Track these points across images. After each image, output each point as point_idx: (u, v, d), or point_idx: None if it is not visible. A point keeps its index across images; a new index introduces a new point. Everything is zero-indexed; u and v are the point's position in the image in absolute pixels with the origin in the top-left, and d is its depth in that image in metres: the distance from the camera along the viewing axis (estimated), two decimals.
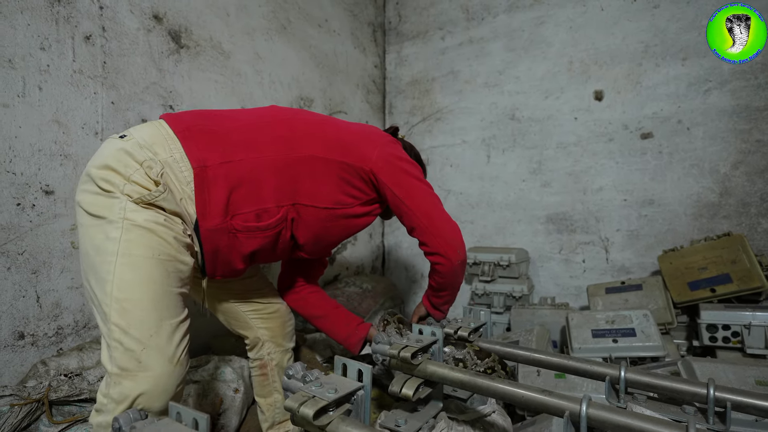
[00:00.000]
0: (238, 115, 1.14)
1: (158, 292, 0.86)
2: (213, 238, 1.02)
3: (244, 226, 1.03)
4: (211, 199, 0.99)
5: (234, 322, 1.30)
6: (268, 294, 1.32)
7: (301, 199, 1.11)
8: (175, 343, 0.86)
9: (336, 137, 1.18)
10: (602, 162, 2.27)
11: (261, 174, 1.05)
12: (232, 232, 1.03)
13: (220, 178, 0.99)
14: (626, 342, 1.56)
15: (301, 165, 1.10)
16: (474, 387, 0.98)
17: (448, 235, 1.21)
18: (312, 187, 1.12)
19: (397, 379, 1.09)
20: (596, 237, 2.30)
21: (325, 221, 1.17)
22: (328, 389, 0.79)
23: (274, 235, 1.09)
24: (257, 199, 1.04)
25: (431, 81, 2.83)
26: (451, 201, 2.74)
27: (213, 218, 1.00)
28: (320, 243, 1.23)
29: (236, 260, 1.09)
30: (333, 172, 1.14)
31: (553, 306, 2.09)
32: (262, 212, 1.04)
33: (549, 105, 2.42)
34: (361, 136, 1.24)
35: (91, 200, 0.90)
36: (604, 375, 1.03)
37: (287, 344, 1.34)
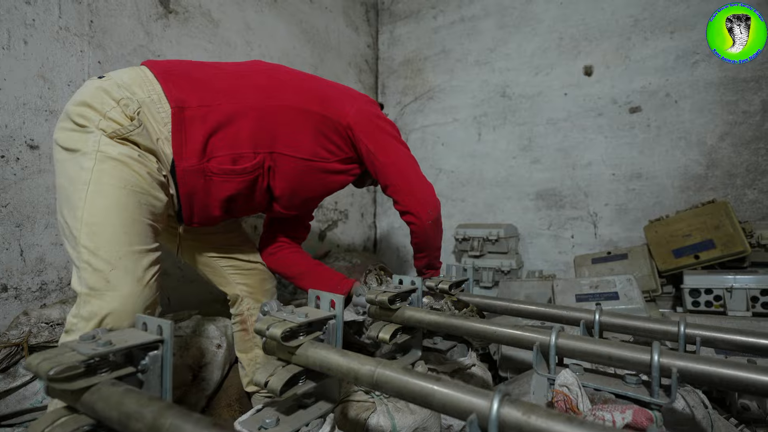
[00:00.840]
0: (221, 65, 1.15)
1: (128, 219, 0.87)
2: (189, 180, 1.03)
3: (219, 168, 1.04)
4: (188, 139, 1.00)
5: (213, 277, 1.31)
6: (247, 250, 1.33)
7: (279, 148, 1.11)
8: (144, 267, 0.87)
9: (316, 90, 1.19)
10: (591, 137, 2.28)
11: (239, 120, 1.05)
12: (208, 175, 1.04)
13: (198, 120, 1.00)
14: (609, 305, 1.57)
15: (279, 114, 1.10)
16: (449, 327, 0.99)
17: (420, 194, 1.23)
18: (290, 136, 1.12)
19: (375, 324, 1.10)
20: (585, 212, 2.31)
21: (302, 173, 1.18)
22: (299, 314, 0.79)
23: (249, 182, 1.09)
24: (234, 144, 1.05)
25: (423, 60, 2.83)
26: (442, 179, 2.74)
27: (189, 158, 1.00)
28: (297, 196, 1.23)
29: (213, 205, 1.09)
30: (311, 123, 1.14)
31: (541, 278, 2.10)
32: (238, 157, 1.05)
33: (539, 81, 2.42)
34: (341, 91, 1.25)
35: (67, 136, 0.92)
36: (579, 319, 1.04)
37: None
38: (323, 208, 2.56)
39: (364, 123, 1.20)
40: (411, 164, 1.25)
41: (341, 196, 2.70)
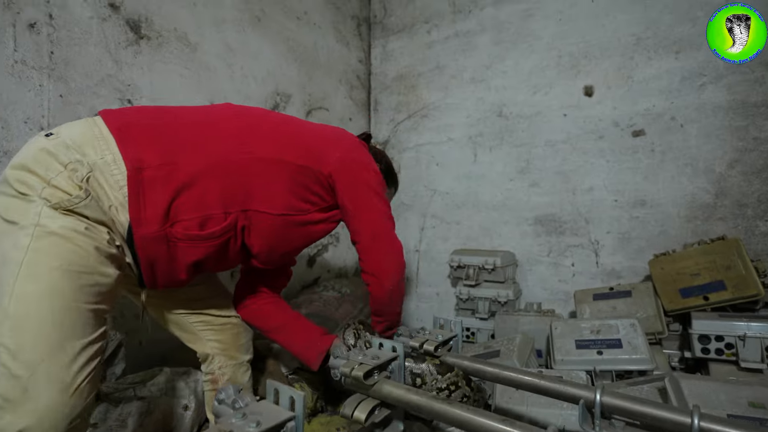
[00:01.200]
0: (187, 111, 1.04)
1: (63, 308, 0.76)
2: (149, 247, 0.92)
3: (185, 234, 0.93)
4: (148, 204, 0.89)
5: (182, 334, 1.20)
6: (219, 304, 1.22)
7: (253, 205, 1.02)
8: (76, 369, 0.76)
9: (295, 138, 1.09)
10: (592, 161, 2.17)
11: (206, 178, 0.95)
12: (172, 241, 0.93)
13: (160, 182, 0.90)
14: (612, 354, 1.46)
15: (253, 167, 1.01)
16: (430, 412, 0.88)
17: (386, 260, 1.16)
18: (265, 191, 1.02)
19: (351, 400, 0.99)
20: (586, 239, 2.19)
21: (280, 229, 1.08)
22: (251, 421, 0.69)
23: (220, 245, 1.00)
24: (201, 205, 0.95)
25: (417, 76, 2.72)
26: (436, 201, 2.63)
27: (149, 225, 0.90)
28: (276, 252, 1.13)
29: (178, 270, 0.99)
30: (288, 175, 1.05)
31: (539, 312, 1.99)
32: (206, 219, 0.95)
33: (537, 101, 2.31)
34: (324, 137, 1.15)
35: (6, 203, 0.81)
36: (578, 398, 0.93)
37: (241, 356, 1.24)
38: None
39: (345, 173, 1.11)
40: (385, 226, 1.16)
41: None
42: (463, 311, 2.31)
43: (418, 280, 2.71)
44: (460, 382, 1.08)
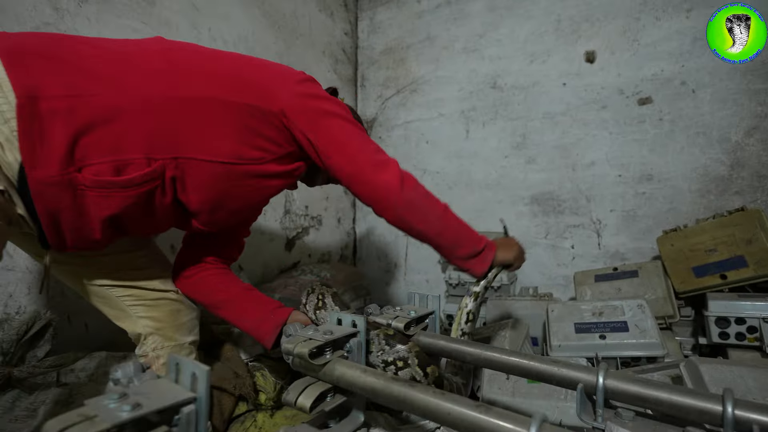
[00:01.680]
0: (105, 42, 0.86)
1: None
2: (49, 196, 0.74)
3: (95, 180, 0.75)
4: (45, 141, 0.71)
5: (108, 310, 1.02)
6: (153, 275, 1.04)
7: (187, 152, 0.83)
8: None
9: (235, 73, 0.91)
10: (594, 133, 1.98)
11: (125, 116, 0.77)
12: (79, 189, 0.75)
13: (61, 115, 0.72)
14: (616, 338, 1.27)
15: (186, 108, 0.83)
16: (388, 397, 0.69)
17: (381, 179, 0.95)
18: (202, 136, 0.85)
19: (296, 383, 0.81)
20: (587, 219, 2.01)
21: (225, 181, 0.90)
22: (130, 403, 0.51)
23: (141, 196, 0.81)
24: (117, 148, 0.77)
25: (406, 49, 2.54)
26: (426, 181, 2.42)
27: (46, 167, 0.72)
28: (222, 209, 0.95)
29: (90, 228, 0.81)
30: (234, 117, 0.87)
31: (534, 297, 1.80)
32: (123, 164, 0.77)
33: (534, 70, 2.12)
34: (269, 70, 0.96)
35: None
36: (575, 382, 0.74)
37: (182, 338, 1.05)
38: (291, 214, 2.27)
39: (300, 107, 0.92)
40: (362, 144, 0.97)
41: (314, 200, 2.41)
42: (453, 298, 2.12)
43: (407, 267, 2.53)
44: (411, 360, 0.89)
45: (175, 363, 0.59)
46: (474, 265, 1.11)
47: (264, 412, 1.34)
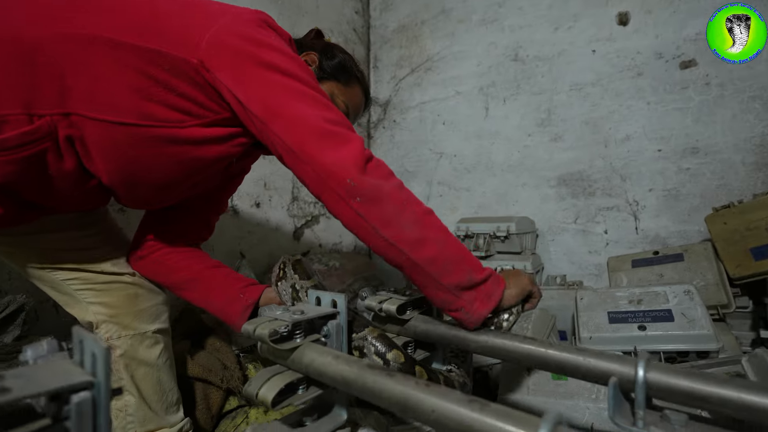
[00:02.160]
0: None
1: None
2: None
3: None
4: None
5: (56, 295, 0.90)
6: (102, 256, 0.91)
7: (77, 107, 0.67)
8: None
9: (145, 8, 0.71)
10: (629, 104, 1.77)
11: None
12: None
13: None
14: (659, 329, 1.08)
15: (69, 49, 0.65)
16: (362, 389, 0.55)
17: (328, 156, 0.68)
18: (92, 88, 0.67)
19: (262, 372, 0.67)
20: (622, 200, 1.79)
21: (130, 147, 0.72)
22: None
23: (27, 161, 0.65)
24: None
25: (420, 25, 2.38)
26: (443, 165, 2.28)
27: None
28: (141, 185, 0.79)
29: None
30: (129, 65, 0.67)
31: (562, 286, 1.61)
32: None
33: (560, 38, 1.93)
34: (198, 9, 0.74)
35: None
36: (607, 374, 0.58)
37: (142, 326, 0.92)
38: (299, 201, 2.15)
39: (226, 53, 0.70)
40: (310, 108, 0.70)
41: None
42: None
43: None
44: (367, 348, 0.71)
45: (79, 341, 0.47)
46: (470, 304, 0.70)
47: (257, 408, 1.22)
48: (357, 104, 0.98)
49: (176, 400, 0.98)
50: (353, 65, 0.96)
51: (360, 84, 0.97)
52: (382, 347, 0.72)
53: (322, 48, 0.94)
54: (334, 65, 0.92)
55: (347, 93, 0.94)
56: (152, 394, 0.92)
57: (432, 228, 0.71)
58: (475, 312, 0.70)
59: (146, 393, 0.91)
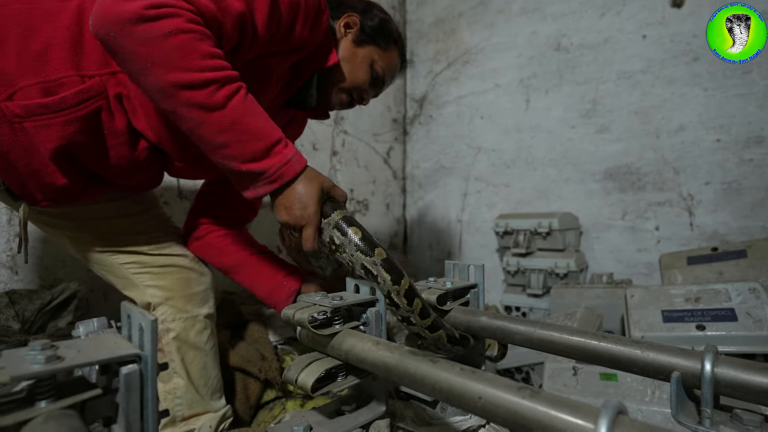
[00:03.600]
0: None
1: None
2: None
3: (25, 107, 0.66)
4: None
5: (114, 279, 0.95)
6: (158, 239, 0.95)
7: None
8: None
9: None
10: (683, 91, 1.66)
11: (43, 27, 0.67)
12: (15, 122, 0.67)
13: None
14: (720, 329, 1.00)
15: None
16: (404, 376, 0.53)
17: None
18: None
19: (301, 358, 0.67)
20: (675, 195, 1.68)
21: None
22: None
23: (84, 121, 0.69)
24: (39, 64, 0.66)
25: (458, 17, 2.34)
26: (481, 161, 2.23)
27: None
28: (181, 139, 0.78)
29: (48, 169, 0.72)
30: None
31: (610, 284, 1.53)
32: (53, 86, 0.67)
33: (607, 24, 1.83)
34: None
35: None
36: (669, 369, 0.53)
37: (194, 309, 0.96)
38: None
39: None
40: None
41: (359, 183, 2.29)
42: (512, 287, 1.90)
43: (461, 256, 2.32)
44: (414, 318, 0.68)
45: (127, 315, 0.48)
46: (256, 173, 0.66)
47: (294, 400, 1.22)
48: (394, 68, 1.00)
49: (220, 386, 1.00)
50: (392, 27, 0.96)
51: (397, 47, 0.99)
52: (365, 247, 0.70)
53: (363, 9, 0.94)
54: (374, 27, 0.92)
55: (385, 57, 0.96)
56: (199, 378, 0.95)
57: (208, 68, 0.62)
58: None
59: (194, 377, 0.94)
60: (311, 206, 0.68)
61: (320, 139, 2.07)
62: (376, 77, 0.96)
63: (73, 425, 0.36)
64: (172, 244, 0.97)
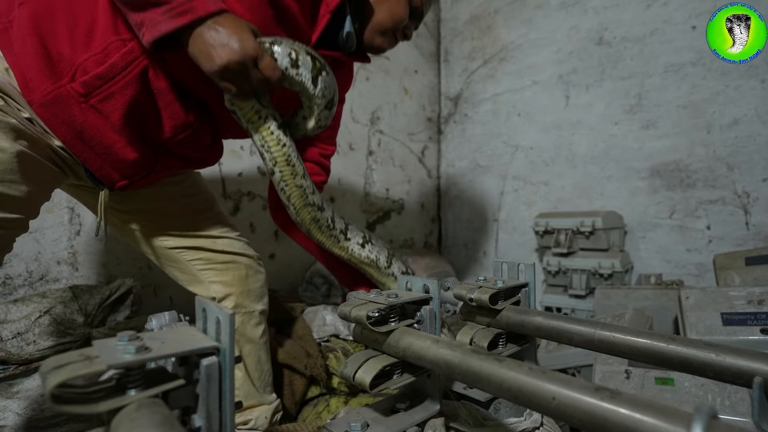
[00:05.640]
0: None
1: None
2: (60, 116, 0.70)
3: (84, 83, 0.69)
4: (26, 54, 0.67)
5: (179, 275, 0.98)
6: (221, 235, 0.98)
7: None
8: None
9: None
10: (737, 83, 1.58)
11: (79, 3, 0.69)
12: (81, 103, 0.70)
13: (26, 25, 0.67)
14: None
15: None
16: (467, 374, 0.53)
17: None
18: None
19: (357, 355, 0.67)
20: (729, 192, 1.61)
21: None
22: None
23: (136, 83, 0.71)
24: (88, 41, 0.69)
25: (493, 14, 2.30)
26: (519, 159, 2.19)
27: (39, 84, 0.68)
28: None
29: (116, 143, 0.75)
30: None
31: (659, 285, 1.47)
32: (102, 55, 0.69)
33: (652, 16, 1.77)
34: None
35: None
36: (748, 374, 0.51)
37: (251, 305, 0.99)
38: (371, 196, 2.17)
39: None
40: None
41: (395, 183, 2.29)
42: (552, 288, 1.85)
43: (497, 255, 2.29)
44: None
45: (202, 309, 0.49)
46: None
47: (338, 397, 1.24)
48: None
49: (271, 380, 1.03)
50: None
51: None
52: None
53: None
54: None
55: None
56: (255, 371, 0.98)
57: None
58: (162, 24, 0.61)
59: (250, 369, 0.97)
60: (247, 35, 0.62)
61: (356, 139, 2.09)
62: (415, 9, 0.93)
63: (164, 413, 0.37)
64: (233, 241, 1.00)
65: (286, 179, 0.83)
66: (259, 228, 1.73)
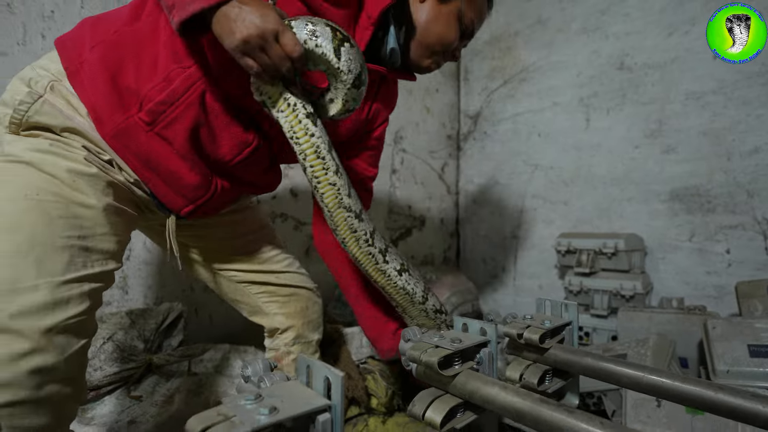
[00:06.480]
0: None
1: (29, 244, 0.62)
2: (131, 147, 0.76)
3: (149, 111, 0.74)
4: (97, 90, 0.73)
5: (245, 307, 1.04)
6: (282, 269, 1.04)
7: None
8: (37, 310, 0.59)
9: None
10: (759, 113, 1.63)
11: (145, 39, 0.75)
12: (146, 131, 0.75)
13: (96, 64, 0.73)
14: None
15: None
16: (536, 422, 0.58)
17: None
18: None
19: (423, 394, 0.73)
20: (748, 218, 1.66)
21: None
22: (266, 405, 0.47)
23: (196, 103, 0.75)
24: (152, 73, 0.74)
25: (514, 36, 2.36)
26: (538, 178, 2.24)
27: (110, 117, 0.73)
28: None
29: (180, 169, 0.79)
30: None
31: (681, 310, 1.52)
32: (164, 83, 0.74)
33: (674, 44, 1.82)
34: None
35: None
36: None
37: (310, 335, 1.05)
38: (394, 213, 2.23)
39: None
40: None
41: (416, 200, 2.35)
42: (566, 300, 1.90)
43: (517, 271, 2.34)
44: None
45: (306, 365, 0.55)
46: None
47: (376, 417, 1.30)
48: (483, 12, 0.96)
49: None
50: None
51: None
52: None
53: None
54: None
55: (473, 6, 0.91)
56: None
57: None
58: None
59: None
60: (269, 12, 0.62)
61: (381, 158, 2.14)
62: (465, 29, 0.91)
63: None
64: (294, 275, 1.06)
65: (318, 175, 0.76)
66: (291, 248, 1.79)
